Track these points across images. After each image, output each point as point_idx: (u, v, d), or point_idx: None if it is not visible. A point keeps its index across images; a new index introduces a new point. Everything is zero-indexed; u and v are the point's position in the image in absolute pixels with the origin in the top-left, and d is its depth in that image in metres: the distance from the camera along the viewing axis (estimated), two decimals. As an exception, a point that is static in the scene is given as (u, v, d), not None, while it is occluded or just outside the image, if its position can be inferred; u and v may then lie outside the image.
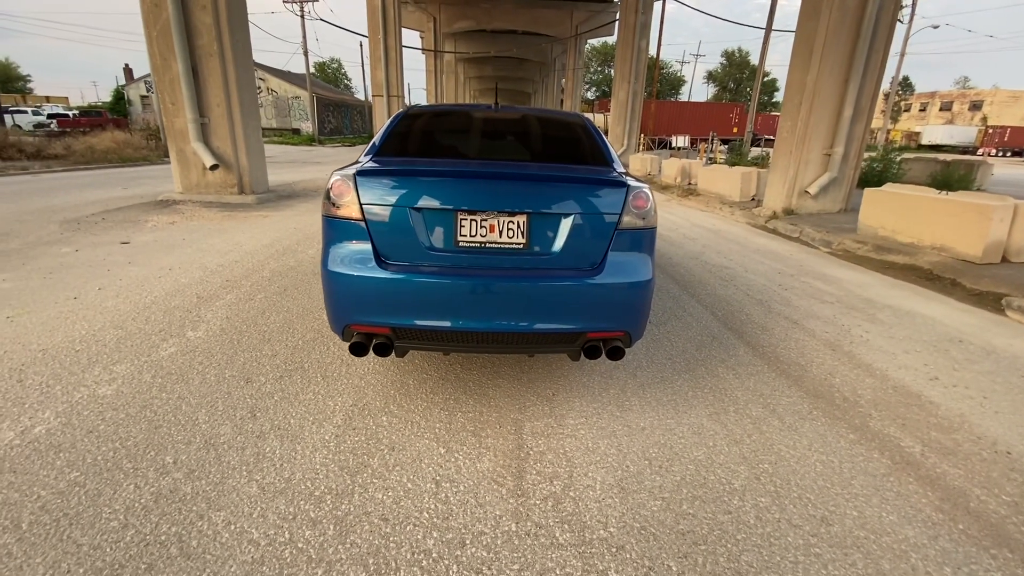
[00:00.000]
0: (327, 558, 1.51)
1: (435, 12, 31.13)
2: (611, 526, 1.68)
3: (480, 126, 3.01)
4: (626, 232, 2.17)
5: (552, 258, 2.12)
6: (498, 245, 2.10)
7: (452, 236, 2.09)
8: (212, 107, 7.74)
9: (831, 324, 3.72)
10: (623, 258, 2.17)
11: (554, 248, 2.11)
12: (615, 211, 2.13)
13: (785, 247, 6.55)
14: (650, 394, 2.57)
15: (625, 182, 2.17)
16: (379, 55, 19.45)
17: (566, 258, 2.12)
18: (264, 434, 2.10)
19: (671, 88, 57.82)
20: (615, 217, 2.14)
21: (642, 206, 2.20)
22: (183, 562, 1.48)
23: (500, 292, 2.06)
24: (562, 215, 2.10)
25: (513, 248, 2.11)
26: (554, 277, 2.09)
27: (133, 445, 2.00)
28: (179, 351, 2.82)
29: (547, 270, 2.11)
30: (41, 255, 4.68)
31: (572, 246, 2.11)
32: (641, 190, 2.22)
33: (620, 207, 2.14)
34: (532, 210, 2.09)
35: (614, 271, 2.14)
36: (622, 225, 2.15)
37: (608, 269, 2.14)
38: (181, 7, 7.17)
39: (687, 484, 1.91)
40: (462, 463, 1.97)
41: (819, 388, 2.72)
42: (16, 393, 2.34)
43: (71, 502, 1.69)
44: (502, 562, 1.53)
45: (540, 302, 2.08)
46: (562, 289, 2.08)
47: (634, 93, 18.73)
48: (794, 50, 7.73)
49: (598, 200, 2.14)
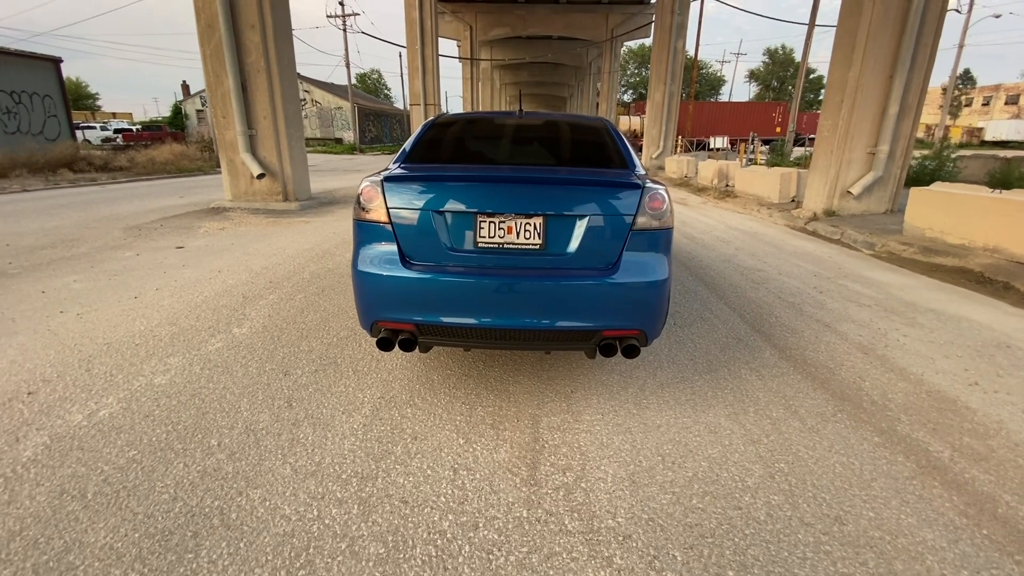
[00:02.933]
0: (350, 534, 1.64)
1: (471, 21, 31.69)
2: (619, 516, 1.74)
3: (504, 132, 3.12)
4: (641, 233, 2.22)
5: (568, 258, 2.19)
6: (516, 246, 2.19)
7: (472, 237, 2.20)
8: (259, 119, 8.20)
9: (866, 327, 3.61)
10: (638, 258, 2.22)
11: (570, 248, 2.19)
12: (630, 212, 2.19)
13: (824, 249, 6.35)
14: (668, 393, 2.60)
15: (639, 184, 2.22)
16: (416, 65, 20.00)
17: (582, 258, 2.19)
18: (299, 422, 2.26)
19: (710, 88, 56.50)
20: (630, 218, 2.19)
21: (658, 207, 2.25)
22: (223, 531, 1.64)
23: (517, 291, 2.15)
24: (577, 216, 2.18)
25: (530, 248, 2.19)
26: (570, 276, 2.17)
27: (183, 429, 2.20)
28: (225, 346, 3.05)
29: (563, 270, 2.19)
30: (107, 258, 5.11)
31: (587, 246, 2.18)
32: (657, 191, 2.26)
33: (635, 208, 2.19)
34: (548, 212, 2.17)
35: (629, 271, 2.19)
36: (637, 226, 2.20)
37: (623, 269, 2.19)
38: (232, 27, 7.66)
39: (699, 480, 1.94)
40: (480, 453, 2.07)
41: (846, 391, 2.67)
42: (84, 381, 2.60)
43: (129, 476, 1.89)
44: (512, 544, 1.61)
45: (556, 300, 2.16)
46: (578, 288, 2.15)
47: (670, 94, 18.47)
48: (835, 46, 7.49)
49: (613, 202, 2.20)
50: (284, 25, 8.16)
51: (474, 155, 2.93)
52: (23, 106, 14.87)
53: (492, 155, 2.93)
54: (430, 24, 19.93)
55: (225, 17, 7.54)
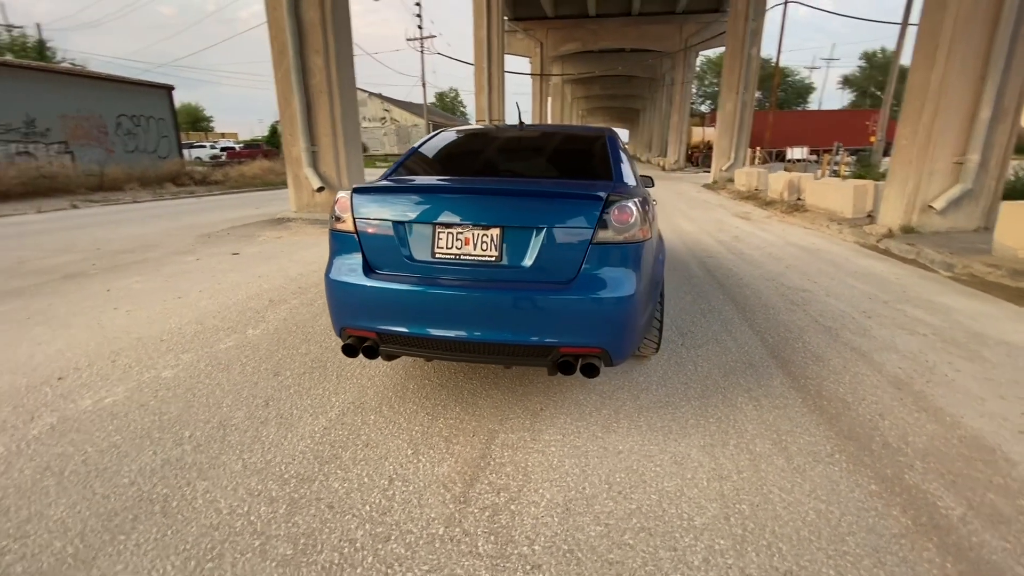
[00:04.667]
0: (268, 532, 1.68)
1: (542, 37, 32.18)
2: (537, 544, 1.64)
3: (498, 145, 3.13)
4: (604, 247, 2.11)
5: (524, 271, 2.13)
6: (472, 257, 2.18)
7: (430, 248, 2.21)
8: (321, 137, 8.82)
9: (911, 359, 3.18)
10: (600, 273, 2.12)
11: (527, 261, 2.13)
12: (589, 225, 2.10)
13: (894, 270, 5.69)
14: (644, 418, 2.43)
15: (600, 196, 2.12)
16: (483, 83, 20.58)
17: (539, 271, 2.13)
18: (267, 421, 2.37)
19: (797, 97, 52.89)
20: (589, 231, 2.10)
21: (624, 220, 2.14)
22: (160, 518, 1.74)
23: (472, 303, 2.12)
24: (534, 228, 2.12)
25: (487, 260, 2.16)
26: (526, 290, 2.11)
27: (168, 419, 2.38)
28: (235, 345, 3.28)
29: (520, 283, 2.14)
30: (171, 262, 5.70)
31: (544, 259, 2.12)
32: (625, 205, 2.15)
33: (594, 221, 2.09)
34: (505, 224, 2.14)
35: (588, 285, 2.10)
36: (598, 239, 2.10)
37: (581, 283, 2.10)
38: (299, 53, 8.34)
39: (640, 514, 1.79)
40: (422, 465, 2.05)
41: (856, 430, 2.36)
42: (106, 371, 2.90)
43: (105, 459, 2.07)
44: (415, 561, 1.57)
45: (511, 314, 2.11)
46: (533, 301, 2.09)
47: (743, 104, 17.57)
48: (916, 47, 6.76)
49: (572, 214, 2.12)
50: (345, 50, 8.75)
51: (462, 167, 2.95)
52: (141, 128, 17.09)
53: (479, 168, 2.94)
54: (497, 42, 20.47)
55: (294, 44, 8.23)
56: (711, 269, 5.60)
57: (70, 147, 15.03)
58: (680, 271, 5.49)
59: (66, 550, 1.60)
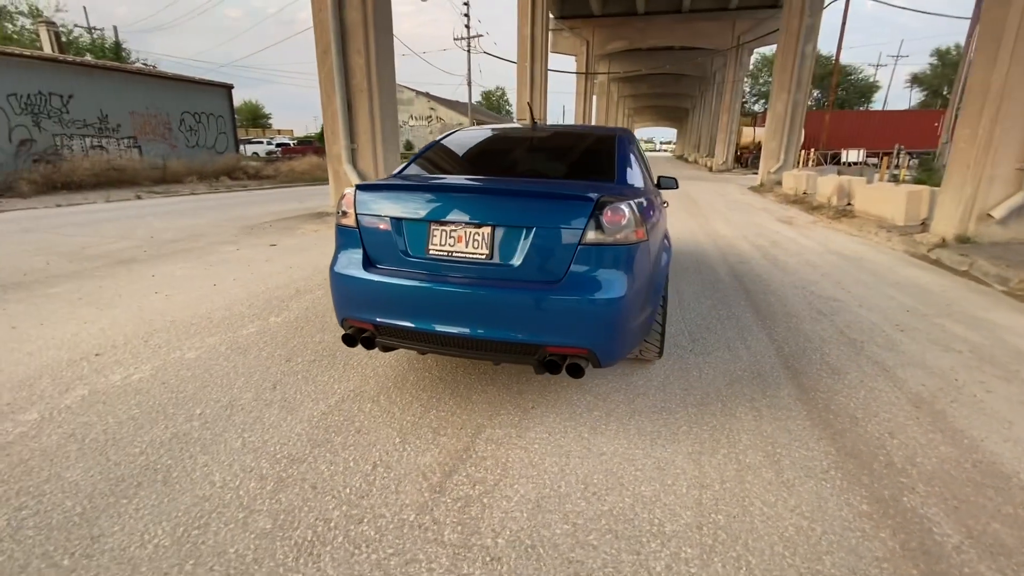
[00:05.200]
0: (253, 507, 1.79)
1: (588, 36, 31.85)
2: (501, 537, 1.67)
3: (508, 145, 3.17)
4: (593, 248, 2.11)
5: (514, 270, 2.16)
6: (464, 255, 2.22)
7: (425, 245, 2.28)
8: (360, 135, 9.11)
9: (939, 376, 2.99)
10: (589, 273, 2.12)
11: (516, 259, 2.16)
12: (579, 226, 2.10)
13: (942, 282, 5.33)
14: (635, 422, 2.41)
15: (591, 197, 2.12)
16: (525, 80, 20.63)
17: (528, 271, 2.15)
18: (272, 403, 2.51)
19: (860, 96, 49.90)
20: (579, 232, 2.10)
21: (616, 222, 2.13)
22: (160, 486, 1.89)
23: (462, 299, 2.17)
24: (525, 228, 2.15)
25: (478, 258, 2.21)
26: (514, 288, 2.14)
27: (183, 397, 2.56)
28: (256, 331, 3.47)
29: (508, 281, 2.17)
30: (214, 252, 6.06)
31: (534, 259, 2.14)
32: (617, 206, 2.14)
33: (584, 222, 2.10)
34: (496, 223, 2.17)
35: (575, 286, 2.11)
36: (588, 240, 2.11)
37: (568, 284, 2.11)
38: (342, 53, 8.64)
39: (610, 516, 1.78)
40: (407, 454, 2.12)
41: (860, 447, 2.25)
42: (139, 350, 3.14)
43: (123, 430, 2.26)
44: (381, 544, 1.64)
45: (499, 311, 2.15)
46: (520, 300, 2.12)
47: (794, 104, 16.82)
48: (978, 45, 6.29)
49: (562, 214, 2.13)
50: (386, 50, 8.99)
51: (469, 167, 3.01)
52: (201, 124, 18.16)
53: (486, 167, 2.98)
54: (541, 41, 20.46)
55: (336, 44, 8.54)
56: (740, 274, 5.43)
57: (138, 142, 16.17)
58: (706, 275, 5.35)
59: (75, 509, 1.76)
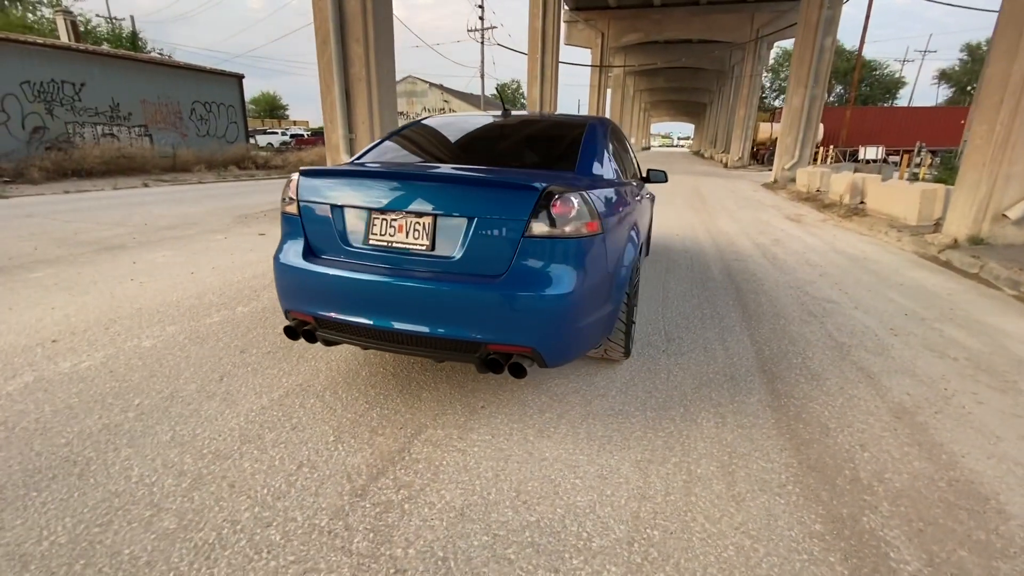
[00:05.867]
0: (162, 505, 1.71)
1: (603, 28, 31.38)
2: (413, 548, 1.56)
3: (474, 132, 3.03)
4: (539, 240, 1.98)
5: (454, 262, 2.05)
6: (404, 245, 2.11)
7: (365, 234, 2.17)
8: (358, 125, 9.03)
9: (926, 385, 2.80)
10: (533, 268, 1.99)
11: (457, 251, 2.04)
12: (522, 217, 1.97)
13: (948, 285, 5.07)
14: (587, 426, 2.28)
15: (537, 187, 1.98)
16: (536, 73, 20.38)
17: (469, 263, 2.03)
18: (214, 395, 2.43)
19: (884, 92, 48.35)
20: (522, 223, 1.97)
21: (564, 213, 1.99)
22: (74, 481, 1.82)
23: (401, 293, 2.06)
24: (466, 218, 2.02)
25: (418, 249, 2.09)
26: (454, 282, 2.02)
27: (127, 386, 2.50)
28: (220, 321, 3.41)
29: (449, 274, 2.05)
30: (202, 240, 6.04)
31: (475, 251, 2.02)
32: (567, 197, 2.00)
33: (527, 213, 1.97)
34: (437, 212, 2.05)
35: (517, 280, 1.98)
36: (532, 232, 1.97)
37: (510, 278, 1.98)
38: (341, 42, 8.55)
39: (537, 528, 1.66)
40: (337, 454, 2.02)
41: (825, 460, 2.09)
42: (96, 337, 3.09)
43: (56, 419, 2.19)
44: (284, 550, 1.54)
45: (438, 306, 2.03)
46: (460, 295, 2.00)
47: (811, 99, 16.34)
48: (995, 36, 5.96)
49: (506, 204, 2.00)
50: (386, 39, 8.88)
51: (429, 154, 2.88)
52: (212, 114, 18.28)
53: (446, 154, 2.86)
54: (552, 32, 20.17)
55: (335, 33, 8.45)
56: (734, 273, 5.23)
57: (149, 130, 16.33)
58: (698, 273, 5.17)
59: (-22, 501, 1.70)
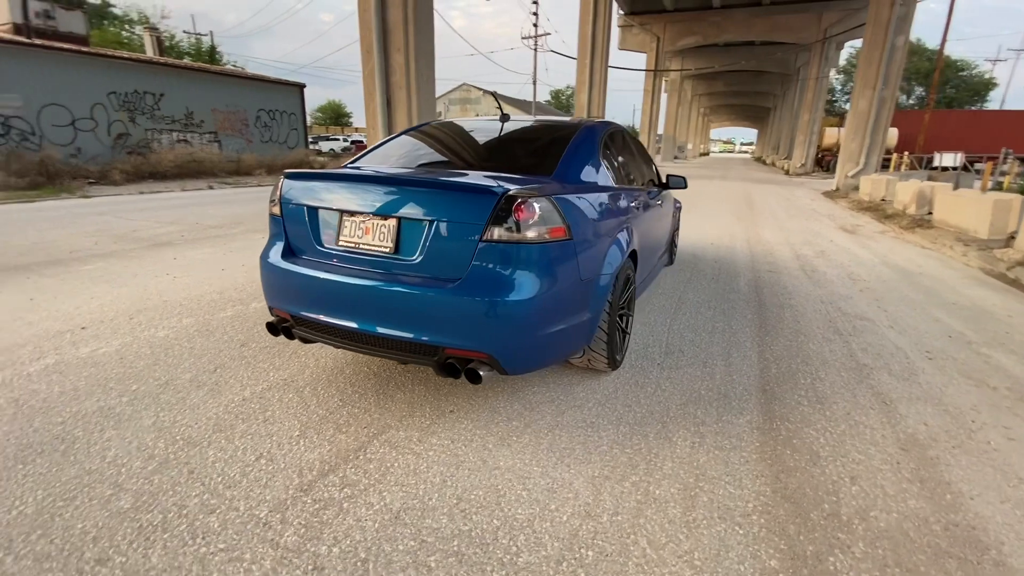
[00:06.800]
0: (124, 485, 1.82)
1: (659, 32, 30.78)
2: (338, 546, 1.57)
3: (466, 137, 3.05)
4: (498, 245, 1.96)
5: (416, 265, 2.06)
6: (370, 247, 2.14)
7: (336, 236, 2.22)
8: (397, 129, 9.30)
9: (950, 416, 2.52)
10: (491, 273, 1.97)
11: (418, 254, 2.05)
12: (479, 221, 1.95)
13: (1012, 305, 4.55)
14: (552, 436, 2.21)
15: (494, 191, 1.95)
16: (584, 79, 20.27)
17: (428, 266, 2.04)
18: (203, 385, 2.57)
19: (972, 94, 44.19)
20: (480, 228, 1.96)
21: (525, 219, 1.96)
22: (57, 456, 1.97)
23: (363, 293, 2.09)
24: (428, 221, 2.03)
25: (383, 252, 2.12)
26: (414, 285, 2.03)
27: (130, 372, 2.68)
28: (232, 316, 3.60)
29: (410, 277, 2.06)
30: (242, 239, 6.41)
31: (434, 254, 2.02)
32: (530, 202, 1.97)
33: (486, 217, 1.95)
34: (401, 215, 2.07)
35: (474, 285, 1.96)
36: (492, 237, 1.95)
37: (467, 282, 1.97)
38: (383, 50, 8.87)
39: (466, 538, 1.63)
40: (298, 449, 2.07)
41: (804, 491, 1.93)
42: (120, 326, 3.34)
43: (60, 399, 2.39)
44: (219, 537, 1.59)
45: (397, 308, 2.05)
46: (420, 298, 2.01)
47: (880, 101, 15.26)
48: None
49: (465, 209, 1.99)
50: (426, 48, 9.11)
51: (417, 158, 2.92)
52: (275, 121, 19.44)
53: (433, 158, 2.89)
54: (601, 38, 20.00)
55: (378, 42, 8.78)
56: (763, 285, 4.94)
57: (218, 137, 17.59)
58: (723, 284, 4.92)
59: (-29, 470, 1.87)
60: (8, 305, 3.67)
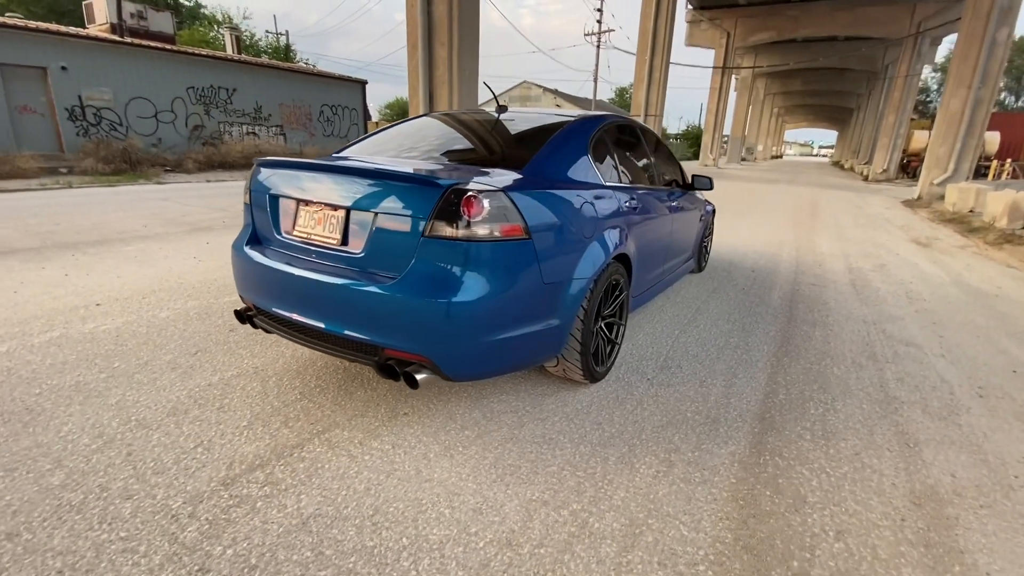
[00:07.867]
0: (63, 462, 1.85)
1: (730, 27, 29.28)
2: (233, 548, 1.50)
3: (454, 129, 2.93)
4: (441, 242, 1.83)
5: (357, 259, 1.97)
6: (320, 239, 2.08)
7: (292, 225, 2.17)
8: (438, 125, 9.35)
9: (988, 467, 2.12)
10: (432, 271, 1.84)
11: (362, 248, 1.96)
12: (422, 215, 1.83)
13: (1107, 340, 3.86)
14: (501, 451, 2.05)
15: (439, 184, 1.82)
16: (643, 76, 19.62)
17: (370, 261, 1.94)
18: (178, 367, 2.61)
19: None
20: (423, 222, 1.83)
21: (473, 215, 1.81)
22: (18, 427, 2.05)
23: (308, 286, 2.03)
24: (373, 214, 1.93)
25: (330, 243, 2.05)
26: (355, 279, 1.94)
27: (120, 350, 2.78)
28: (233, 301, 3.68)
29: (351, 270, 1.98)
30: (276, 227, 6.64)
31: (377, 249, 1.92)
32: (479, 197, 1.82)
33: (429, 211, 1.82)
34: (350, 206, 1.98)
35: (415, 283, 1.84)
36: (435, 232, 1.82)
37: (407, 280, 1.85)
38: (428, 47, 8.93)
39: (366, 555, 1.51)
40: (238, 440, 2.04)
41: (774, 542, 1.66)
42: (131, 305, 3.51)
43: (48, 372, 2.50)
44: (124, 524, 1.57)
45: (339, 303, 1.97)
46: (359, 293, 1.91)
47: (975, 102, 13.64)
48: None
49: (408, 201, 1.87)
50: (470, 43, 9.09)
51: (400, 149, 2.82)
52: (337, 116, 20.23)
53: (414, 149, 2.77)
54: (663, 33, 19.25)
55: (423, 38, 8.85)
56: (799, 300, 4.49)
57: (283, 130, 18.54)
58: (753, 296, 4.52)
59: (-63, 433, 1.97)
60: (45, 280, 3.95)
